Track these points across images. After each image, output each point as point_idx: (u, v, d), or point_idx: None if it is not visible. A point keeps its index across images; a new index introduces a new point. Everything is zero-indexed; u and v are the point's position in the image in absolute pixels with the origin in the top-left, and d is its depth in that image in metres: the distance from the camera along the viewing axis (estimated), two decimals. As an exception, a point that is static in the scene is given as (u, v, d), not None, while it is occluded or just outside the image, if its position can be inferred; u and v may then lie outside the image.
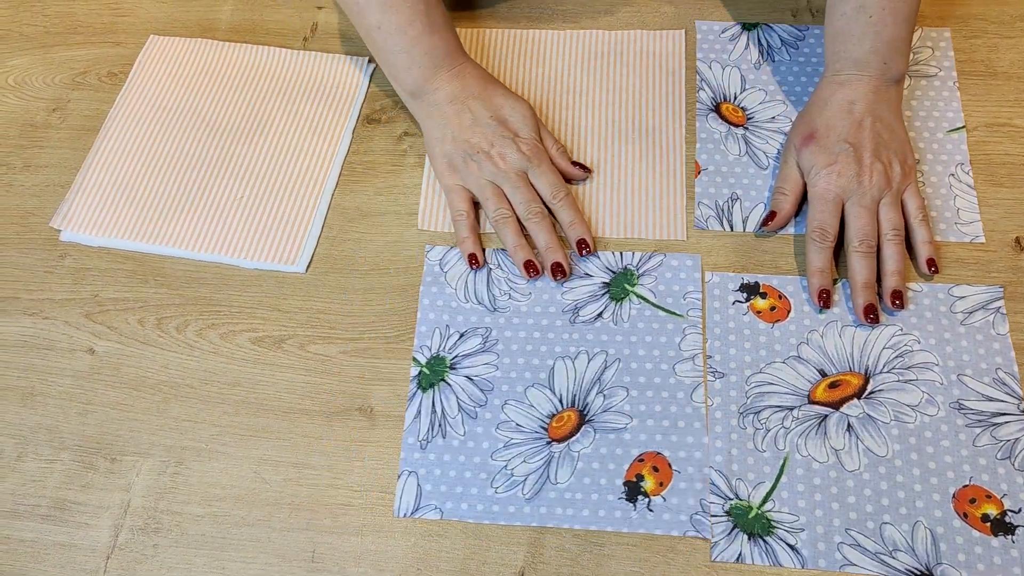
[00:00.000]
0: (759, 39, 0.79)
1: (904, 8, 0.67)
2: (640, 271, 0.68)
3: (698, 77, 0.77)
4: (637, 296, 0.67)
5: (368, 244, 0.71)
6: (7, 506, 0.62)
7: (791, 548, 0.57)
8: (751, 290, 0.67)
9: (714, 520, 0.59)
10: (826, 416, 0.61)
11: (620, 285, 0.68)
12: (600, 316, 0.66)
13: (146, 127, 0.78)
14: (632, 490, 0.60)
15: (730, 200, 0.71)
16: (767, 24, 0.79)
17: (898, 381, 0.62)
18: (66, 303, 0.69)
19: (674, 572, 0.57)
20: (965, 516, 0.58)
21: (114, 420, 0.64)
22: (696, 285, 0.67)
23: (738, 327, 0.65)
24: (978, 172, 0.71)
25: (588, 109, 0.76)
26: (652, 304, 0.66)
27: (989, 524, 0.57)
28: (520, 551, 0.58)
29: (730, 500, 0.59)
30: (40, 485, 0.62)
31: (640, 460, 0.61)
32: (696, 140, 0.74)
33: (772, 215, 0.68)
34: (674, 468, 0.60)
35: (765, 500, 0.59)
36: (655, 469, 0.60)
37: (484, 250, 0.70)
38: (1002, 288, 0.65)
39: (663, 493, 0.59)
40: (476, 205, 0.71)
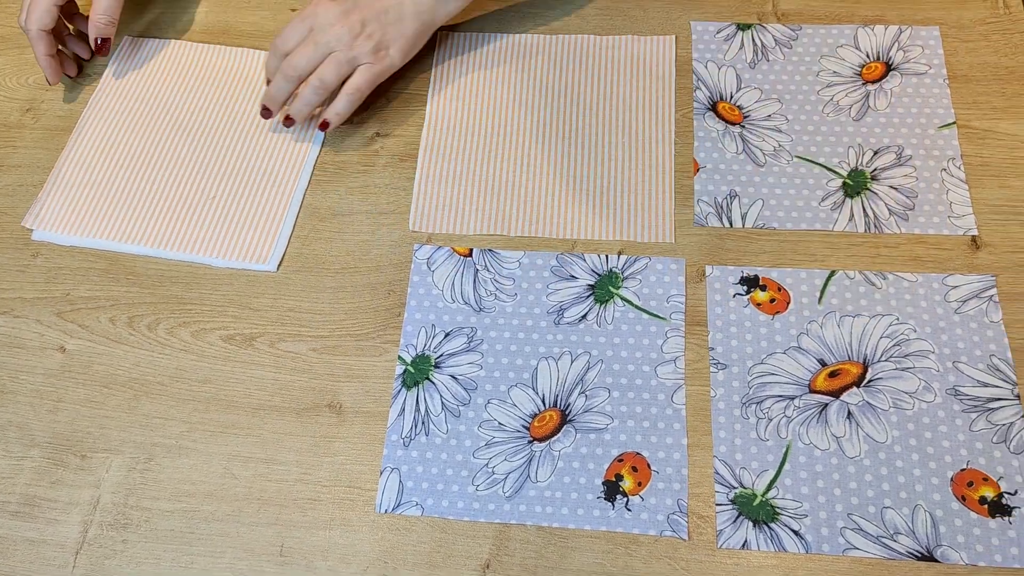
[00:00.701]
0: (753, 39, 0.87)
1: None
2: (625, 274, 0.76)
3: (695, 77, 0.86)
4: (621, 299, 0.75)
5: (339, 243, 0.79)
6: (-24, 503, 0.70)
7: (795, 534, 0.65)
8: (751, 283, 0.75)
9: (719, 508, 0.66)
10: (827, 405, 0.69)
11: (605, 288, 0.75)
12: (584, 318, 0.74)
13: (119, 127, 0.87)
14: (611, 489, 0.67)
15: (728, 197, 0.79)
16: (760, 24, 0.88)
17: (896, 369, 0.70)
18: (37, 302, 0.78)
19: (637, 564, 0.65)
20: (963, 499, 0.65)
21: (85, 417, 0.72)
22: (680, 289, 0.75)
23: (739, 319, 0.73)
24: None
25: (578, 113, 0.85)
26: (636, 307, 0.74)
27: (986, 506, 0.65)
28: (486, 544, 0.66)
29: (734, 489, 0.67)
30: (10, 482, 0.70)
31: (620, 460, 0.68)
32: (694, 139, 0.82)
33: None
34: (653, 468, 0.68)
35: (769, 488, 0.67)
36: (634, 469, 0.68)
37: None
38: (994, 277, 0.73)
39: (641, 493, 0.67)
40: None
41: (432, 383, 0.72)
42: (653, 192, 0.80)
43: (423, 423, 0.71)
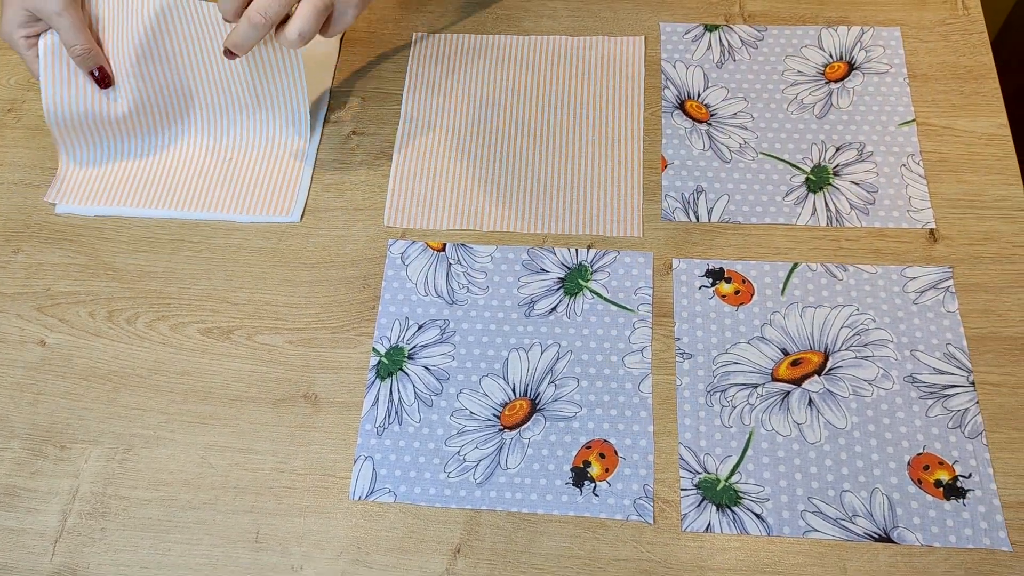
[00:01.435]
0: (720, 39, 0.89)
1: None
2: (594, 267, 0.77)
3: (663, 76, 0.87)
4: (590, 291, 0.76)
5: (316, 238, 0.81)
6: (-44, 494, 0.71)
7: (757, 517, 0.67)
8: (716, 275, 0.77)
9: (684, 493, 0.68)
10: (789, 392, 0.71)
11: (575, 280, 0.77)
12: (554, 310, 0.76)
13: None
14: (579, 476, 0.69)
15: (695, 192, 0.81)
16: (728, 25, 0.90)
17: (856, 358, 0.72)
18: (18, 297, 0.79)
19: (604, 547, 0.66)
20: (919, 482, 0.67)
21: (64, 409, 0.73)
22: (647, 281, 0.76)
23: (704, 310, 0.75)
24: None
25: (550, 111, 0.86)
26: (604, 299, 0.76)
27: (942, 489, 0.67)
28: (457, 529, 0.67)
29: (699, 474, 0.68)
30: (-11, 473, 0.72)
31: (588, 447, 0.70)
32: (662, 136, 0.84)
33: None
34: (620, 455, 0.69)
35: (732, 473, 0.69)
36: (601, 456, 0.69)
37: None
38: (951, 268, 0.75)
39: (608, 479, 0.68)
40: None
41: (406, 374, 0.74)
42: (622, 188, 0.81)
43: (396, 413, 0.72)
